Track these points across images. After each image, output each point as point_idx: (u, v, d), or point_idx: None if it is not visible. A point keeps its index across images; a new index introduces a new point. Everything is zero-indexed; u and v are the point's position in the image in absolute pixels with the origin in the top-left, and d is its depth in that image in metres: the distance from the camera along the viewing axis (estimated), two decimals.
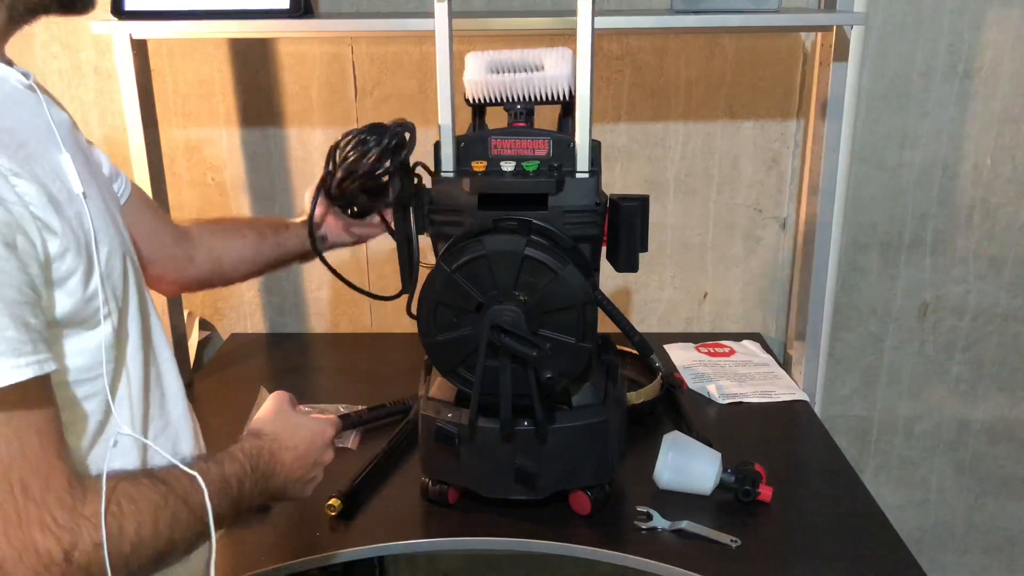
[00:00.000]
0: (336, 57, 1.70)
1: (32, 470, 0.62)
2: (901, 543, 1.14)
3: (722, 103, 1.70)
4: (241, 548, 1.13)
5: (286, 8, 1.40)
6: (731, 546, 1.11)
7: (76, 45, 1.68)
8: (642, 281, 1.83)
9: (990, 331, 1.82)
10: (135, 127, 1.50)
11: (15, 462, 0.62)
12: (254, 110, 1.74)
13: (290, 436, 0.91)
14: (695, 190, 1.76)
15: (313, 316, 1.87)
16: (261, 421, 0.92)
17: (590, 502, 1.16)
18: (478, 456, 1.14)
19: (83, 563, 0.64)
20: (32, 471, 0.62)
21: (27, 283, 0.64)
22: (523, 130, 1.13)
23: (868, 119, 1.68)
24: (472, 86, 1.13)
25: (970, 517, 1.96)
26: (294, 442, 0.91)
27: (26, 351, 0.62)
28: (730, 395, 1.53)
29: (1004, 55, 1.63)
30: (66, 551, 0.63)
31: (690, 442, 1.25)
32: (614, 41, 1.67)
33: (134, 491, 0.69)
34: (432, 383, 1.21)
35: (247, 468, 0.82)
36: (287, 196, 1.79)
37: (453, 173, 1.13)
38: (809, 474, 1.33)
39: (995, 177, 1.71)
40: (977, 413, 1.88)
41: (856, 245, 1.77)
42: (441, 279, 1.07)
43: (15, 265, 0.63)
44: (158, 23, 1.42)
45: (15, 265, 0.63)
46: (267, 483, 0.86)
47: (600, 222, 1.13)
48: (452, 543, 1.15)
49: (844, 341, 1.83)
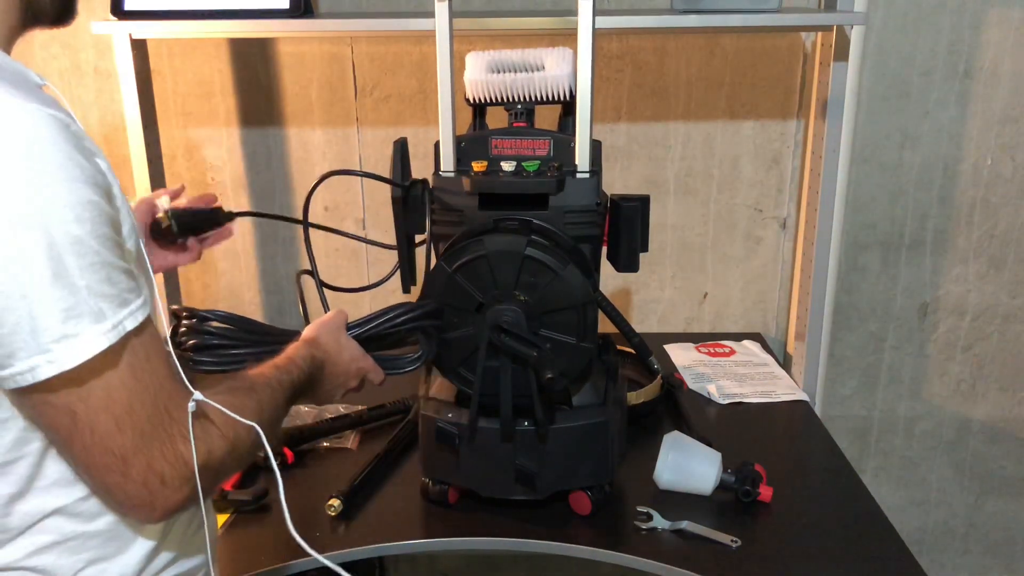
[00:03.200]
0: (336, 57, 1.70)
1: (167, 394, 0.70)
2: (901, 543, 1.14)
3: (722, 103, 1.70)
4: (241, 548, 1.13)
5: (286, 8, 1.40)
6: (731, 546, 1.11)
7: (76, 45, 1.68)
8: (642, 281, 1.83)
9: (990, 331, 1.82)
10: (135, 127, 1.50)
11: (158, 389, 0.69)
12: (254, 110, 1.74)
13: (337, 353, 0.99)
14: (695, 190, 1.76)
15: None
16: (319, 329, 1.00)
17: (590, 502, 1.16)
18: (478, 456, 1.14)
19: (214, 466, 0.73)
20: (168, 395, 0.70)
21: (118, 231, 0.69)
22: (523, 130, 1.13)
23: (868, 119, 1.68)
24: (472, 86, 1.13)
25: (970, 517, 1.96)
26: (337, 360, 0.99)
27: (134, 296, 0.68)
28: (730, 395, 1.53)
29: (1004, 55, 1.63)
30: (205, 458, 0.71)
31: (690, 442, 1.25)
32: (614, 41, 1.67)
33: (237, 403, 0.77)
34: (432, 383, 1.21)
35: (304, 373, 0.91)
36: (287, 196, 1.79)
37: (453, 173, 1.13)
38: (809, 474, 1.33)
39: (995, 177, 1.71)
40: (977, 413, 1.88)
41: (856, 245, 1.77)
42: (441, 279, 1.07)
43: (111, 214, 0.67)
44: (158, 23, 1.42)
45: (111, 214, 0.67)
46: (311, 388, 0.95)
47: (600, 222, 1.13)
48: (452, 543, 1.15)
49: (844, 341, 1.83)
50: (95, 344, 0.64)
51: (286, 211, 1.79)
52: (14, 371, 0.63)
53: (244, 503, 1.20)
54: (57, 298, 0.62)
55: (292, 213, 1.80)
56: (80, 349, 0.63)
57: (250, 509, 1.20)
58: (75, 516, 0.75)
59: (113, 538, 0.77)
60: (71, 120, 0.67)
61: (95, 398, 0.66)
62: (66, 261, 0.62)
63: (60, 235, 0.62)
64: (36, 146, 0.62)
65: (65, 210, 0.62)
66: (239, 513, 1.20)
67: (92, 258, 0.64)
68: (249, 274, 1.83)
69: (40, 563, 0.75)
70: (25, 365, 0.63)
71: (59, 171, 0.63)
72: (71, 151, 0.64)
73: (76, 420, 0.66)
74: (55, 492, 0.73)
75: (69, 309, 0.63)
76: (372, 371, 1.04)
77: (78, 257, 0.63)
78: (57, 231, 0.62)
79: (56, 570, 0.75)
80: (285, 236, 1.82)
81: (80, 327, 0.63)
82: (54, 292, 0.62)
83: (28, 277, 0.61)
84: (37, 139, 0.62)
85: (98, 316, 0.64)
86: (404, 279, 1.18)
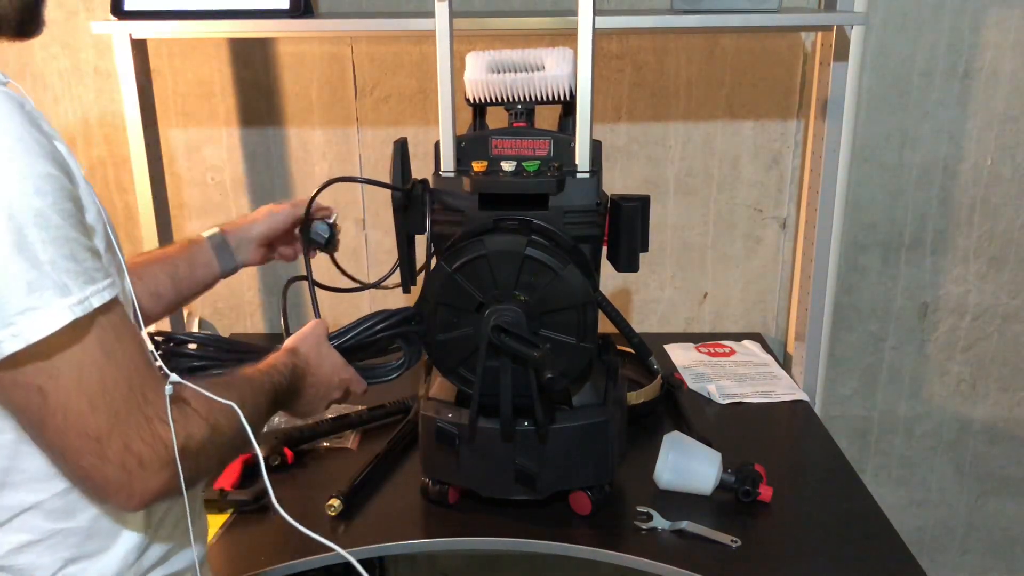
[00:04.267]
0: (336, 57, 1.70)
1: (142, 376, 0.69)
2: (901, 543, 1.14)
3: (722, 103, 1.70)
4: (241, 548, 1.13)
5: (286, 8, 1.40)
6: (731, 546, 1.11)
7: (76, 45, 1.68)
8: (642, 281, 1.83)
9: (990, 331, 1.82)
10: (135, 127, 1.50)
11: (132, 371, 0.68)
12: (254, 110, 1.74)
13: (318, 364, 0.98)
14: (695, 190, 1.76)
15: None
16: (299, 341, 0.99)
17: (590, 502, 1.16)
18: (478, 456, 1.14)
19: (194, 450, 0.72)
20: (142, 377, 0.69)
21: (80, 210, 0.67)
22: (524, 130, 1.13)
23: (868, 119, 1.68)
24: (473, 86, 1.13)
25: (970, 517, 1.96)
26: (318, 371, 0.98)
27: (100, 276, 0.66)
28: (730, 395, 1.53)
29: (1004, 55, 1.63)
30: (184, 441, 0.70)
31: (690, 442, 1.25)
32: (614, 41, 1.67)
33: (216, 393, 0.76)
34: (432, 383, 1.21)
35: (285, 379, 0.91)
36: (287, 196, 1.79)
37: (453, 173, 1.13)
38: (809, 474, 1.33)
39: (995, 177, 1.71)
40: (977, 413, 1.88)
41: (856, 245, 1.77)
42: (441, 279, 1.07)
43: (72, 191, 0.66)
44: (158, 23, 1.42)
45: (72, 191, 0.66)
46: (293, 397, 0.94)
47: (600, 222, 1.13)
48: (452, 543, 1.15)
49: (844, 341, 1.83)
50: (60, 317, 0.63)
51: None
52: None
53: (244, 503, 1.20)
54: (20, 271, 0.61)
55: None
56: (44, 322, 0.62)
57: (250, 509, 1.20)
58: (52, 513, 0.73)
59: (93, 536, 0.76)
60: (26, 100, 0.66)
61: (65, 376, 0.65)
62: (27, 233, 0.61)
63: (20, 207, 0.61)
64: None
65: (25, 182, 0.62)
66: (239, 513, 1.20)
67: (54, 232, 0.63)
68: (249, 274, 1.83)
69: (17, 562, 0.74)
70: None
71: (16, 144, 0.62)
72: (27, 126, 0.63)
73: (47, 399, 0.65)
74: (31, 487, 0.72)
75: (32, 282, 0.62)
76: (354, 381, 1.04)
77: (40, 230, 0.62)
78: (17, 203, 0.61)
79: (34, 570, 0.74)
80: None
81: (44, 300, 0.62)
82: (16, 265, 0.61)
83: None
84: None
85: (63, 290, 0.63)
86: (404, 279, 1.18)
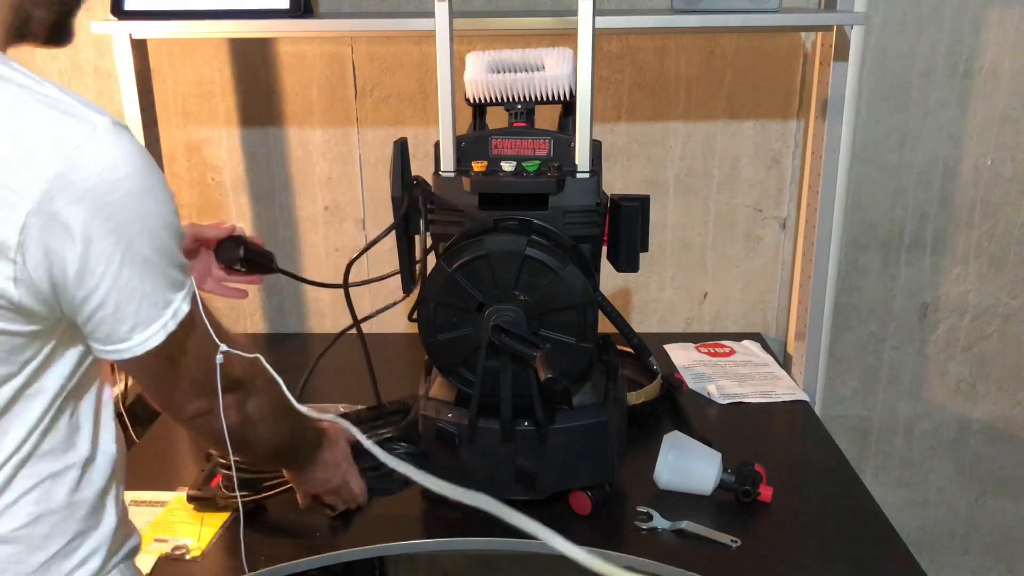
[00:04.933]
0: (336, 57, 1.70)
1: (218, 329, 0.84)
2: (901, 543, 1.14)
3: (722, 103, 1.70)
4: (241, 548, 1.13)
5: (286, 8, 1.40)
6: (731, 546, 1.11)
7: (76, 45, 1.68)
8: (642, 281, 1.83)
9: (990, 331, 1.82)
10: (135, 127, 1.50)
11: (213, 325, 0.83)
12: (254, 110, 1.74)
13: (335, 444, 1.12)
14: (695, 190, 1.76)
15: (313, 316, 1.87)
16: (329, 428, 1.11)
17: (590, 502, 1.16)
18: (478, 456, 1.14)
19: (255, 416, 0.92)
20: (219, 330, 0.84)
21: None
22: (524, 130, 1.13)
23: (868, 119, 1.68)
24: (473, 86, 1.13)
25: (970, 517, 1.96)
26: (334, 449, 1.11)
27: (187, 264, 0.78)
28: (730, 395, 1.53)
29: (1004, 55, 1.63)
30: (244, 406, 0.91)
31: (690, 442, 1.25)
32: (614, 41, 1.67)
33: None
34: (432, 383, 1.21)
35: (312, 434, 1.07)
36: (287, 196, 1.79)
37: (453, 173, 1.13)
38: (809, 474, 1.33)
39: (995, 177, 1.71)
40: (977, 413, 1.88)
41: (856, 245, 1.77)
42: (441, 279, 1.07)
43: None
44: (158, 23, 1.42)
45: None
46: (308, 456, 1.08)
47: (600, 222, 1.13)
48: (452, 543, 1.15)
49: (844, 341, 1.83)
50: (184, 307, 0.76)
51: (285, 210, 1.79)
52: (133, 344, 0.74)
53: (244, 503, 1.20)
54: (166, 275, 0.74)
55: (292, 212, 1.80)
56: (178, 312, 0.76)
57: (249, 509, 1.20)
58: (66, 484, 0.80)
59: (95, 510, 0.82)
60: None
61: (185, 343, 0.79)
62: (168, 243, 0.74)
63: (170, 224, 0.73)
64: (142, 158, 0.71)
65: (169, 202, 0.73)
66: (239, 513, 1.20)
67: (179, 238, 0.76)
68: None
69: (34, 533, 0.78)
70: (143, 335, 0.74)
71: (159, 173, 0.73)
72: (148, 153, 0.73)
73: (174, 363, 0.80)
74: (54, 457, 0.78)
75: (172, 282, 0.75)
76: (358, 488, 1.15)
77: (173, 238, 0.74)
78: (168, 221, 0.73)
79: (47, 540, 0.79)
80: (285, 236, 1.82)
81: (175, 295, 0.75)
82: (164, 270, 0.74)
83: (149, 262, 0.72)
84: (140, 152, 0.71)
85: (181, 284, 0.76)
86: (404, 279, 1.18)
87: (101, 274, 0.70)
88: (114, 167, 0.68)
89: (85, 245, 0.68)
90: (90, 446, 0.81)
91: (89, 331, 0.74)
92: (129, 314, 0.72)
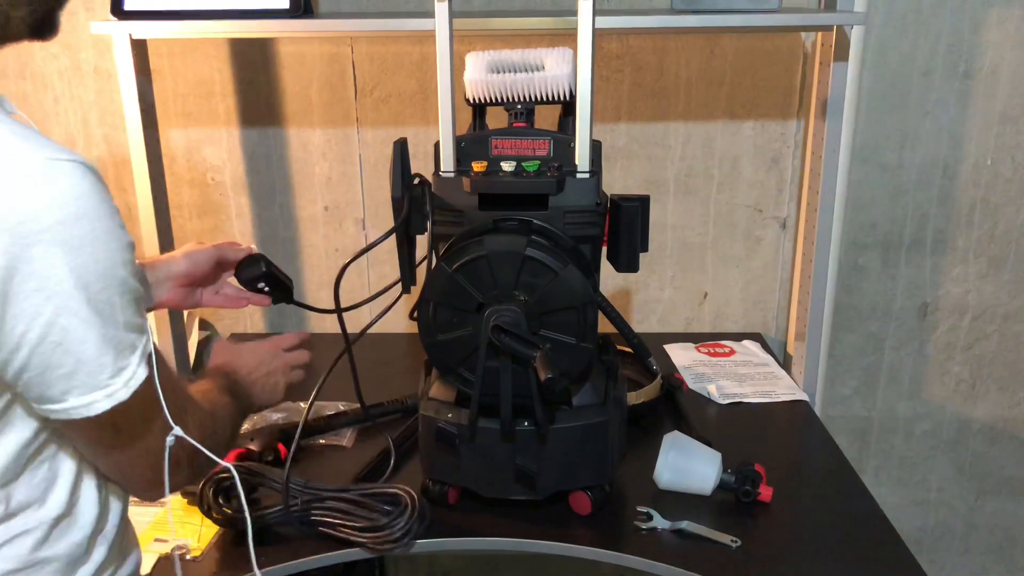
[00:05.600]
0: (336, 57, 1.70)
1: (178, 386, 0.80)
2: (901, 543, 1.14)
3: (722, 103, 1.70)
4: (240, 548, 1.13)
5: (286, 8, 1.40)
6: (731, 546, 1.11)
7: (76, 45, 1.68)
8: (642, 281, 1.83)
9: (990, 331, 1.82)
10: (135, 127, 1.50)
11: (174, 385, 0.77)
12: (254, 110, 1.74)
13: (245, 365, 1.06)
14: (695, 190, 1.76)
15: (313, 316, 1.87)
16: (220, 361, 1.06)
17: (590, 502, 1.16)
18: (478, 456, 1.14)
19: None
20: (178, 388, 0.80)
21: None
22: (523, 130, 1.13)
23: (868, 119, 1.68)
24: (472, 86, 1.13)
25: (970, 517, 1.96)
26: (250, 366, 1.07)
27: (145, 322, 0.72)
28: (730, 395, 1.53)
29: (1004, 55, 1.63)
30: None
31: (690, 442, 1.25)
32: (614, 41, 1.67)
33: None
34: (432, 383, 1.21)
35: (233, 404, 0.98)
36: (287, 196, 1.79)
37: (453, 173, 1.13)
38: (809, 474, 1.33)
39: (995, 177, 1.71)
40: (977, 413, 1.88)
41: (856, 245, 1.77)
42: (441, 279, 1.07)
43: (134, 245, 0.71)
44: (158, 23, 1.42)
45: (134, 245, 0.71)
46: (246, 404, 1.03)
47: (600, 222, 1.12)
48: (452, 543, 1.15)
49: (844, 341, 1.83)
50: (138, 375, 0.70)
51: (286, 210, 1.79)
52: (67, 406, 0.67)
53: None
54: (109, 337, 0.67)
55: (292, 212, 1.80)
56: (130, 380, 0.69)
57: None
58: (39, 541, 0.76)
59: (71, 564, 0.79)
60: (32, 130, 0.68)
61: (133, 411, 0.72)
62: (113, 302, 0.67)
63: (113, 281, 0.67)
64: (82, 202, 0.64)
65: (115, 255, 0.67)
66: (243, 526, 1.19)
67: (130, 296, 0.69)
68: None
69: None
70: (80, 401, 0.67)
71: (109, 221, 0.66)
72: (107, 197, 0.67)
73: (119, 432, 0.73)
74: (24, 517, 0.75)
75: (117, 345, 0.68)
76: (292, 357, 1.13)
77: (121, 296, 0.68)
78: (111, 277, 0.66)
79: None
80: (285, 236, 1.82)
81: (126, 360, 0.69)
82: (106, 331, 0.67)
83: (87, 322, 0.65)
84: (81, 195, 0.64)
85: (132, 347, 0.70)
86: (404, 280, 1.18)
87: (21, 335, 0.63)
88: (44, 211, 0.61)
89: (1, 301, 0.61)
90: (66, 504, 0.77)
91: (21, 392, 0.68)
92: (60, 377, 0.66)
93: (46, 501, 0.75)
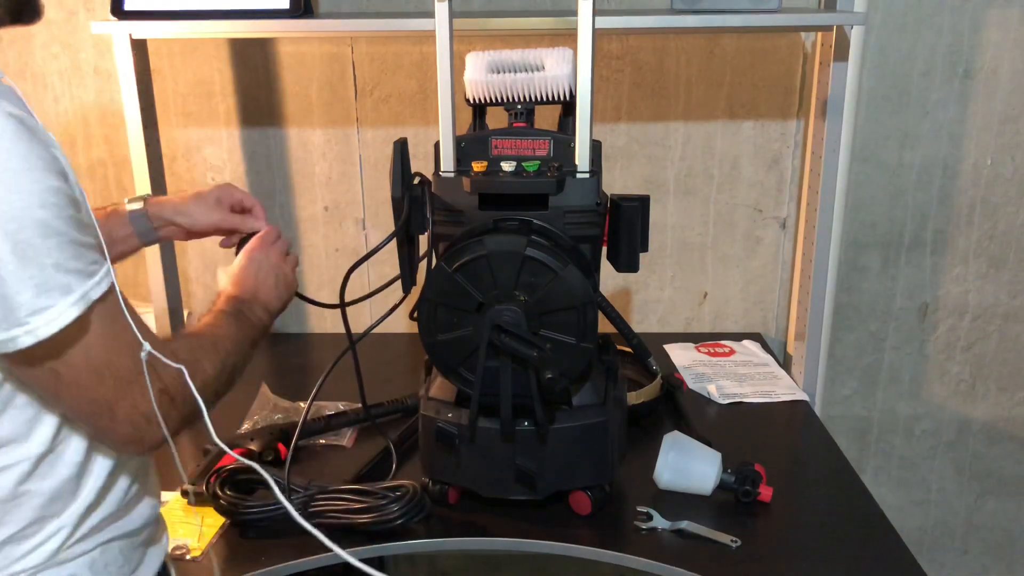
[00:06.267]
0: (336, 57, 1.70)
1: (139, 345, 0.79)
2: (901, 543, 1.14)
3: (722, 103, 1.70)
4: (241, 548, 1.13)
5: (286, 8, 1.40)
6: (731, 546, 1.11)
7: (76, 45, 1.68)
8: (642, 281, 1.83)
9: (990, 331, 1.82)
10: (135, 127, 1.50)
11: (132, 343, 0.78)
12: (254, 110, 1.74)
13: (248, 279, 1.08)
14: (695, 190, 1.76)
15: (313, 316, 1.87)
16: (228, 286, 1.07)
17: (590, 502, 1.16)
18: (478, 456, 1.14)
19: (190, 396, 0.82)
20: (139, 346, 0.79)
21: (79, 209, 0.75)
22: (523, 130, 1.13)
23: (868, 119, 1.68)
24: (472, 86, 1.13)
25: (970, 517, 1.96)
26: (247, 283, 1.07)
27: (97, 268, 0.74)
28: (730, 395, 1.53)
29: (1004, 55, 1.63)
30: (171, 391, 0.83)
31: (690, 442, 1.25)
32: (614, 41, 1.67)
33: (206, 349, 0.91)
34: (432, 383, 1.21)
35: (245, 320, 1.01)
36: (287, 196, 1.79)
37: (453, 173, 1.13)
38: (809, 474, 1.33)
39: (995, 177, 1.71)
40: (977, 413, 1.88)
41: (856, 245, 1.77)
42: (441, 279, 1.07)
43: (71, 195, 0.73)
44: (158, 23, 1.42)
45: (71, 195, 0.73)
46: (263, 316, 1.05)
47: (600, 222, 1.13)
48: (452, 543, 1.15)
49: (844, 341, 1.83)
50: (66, 315, 0.72)
51: (286, 210, 1.79)
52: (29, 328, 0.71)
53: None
54: (28, 276, 0.70)
55: (292, 212, 1.80)
56: (53, 320, 0.71)
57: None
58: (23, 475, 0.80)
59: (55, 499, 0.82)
60: (27, 115, 0.72)
61: (75, 359, 0.75)
62: (34, 243, 0.70)
63: (29, 222, 0.69)
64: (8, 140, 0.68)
65: (31, 197, 0.69)
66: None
67: (57, 239, 0.71)
68: None
69: None
70: (5, 336, 0.70)
71: (23, 163, 0.69)
72: (31, 143, 0.70)
73: (60, 379, 0.75)
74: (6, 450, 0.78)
75: (40, 285, 0.70)
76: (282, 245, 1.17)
77: (44, 239, 0.70)
78: (25, 218, 0.69)
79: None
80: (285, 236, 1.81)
81: (51, 300, 0.71)
82: (25, 271, 0.69)
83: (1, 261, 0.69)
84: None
85: (66, 290, 0.72)
86: (405, 280, 1.18)
87: None
88: None
89: None
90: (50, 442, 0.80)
91: None
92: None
93: (30, 437, 0.79)
